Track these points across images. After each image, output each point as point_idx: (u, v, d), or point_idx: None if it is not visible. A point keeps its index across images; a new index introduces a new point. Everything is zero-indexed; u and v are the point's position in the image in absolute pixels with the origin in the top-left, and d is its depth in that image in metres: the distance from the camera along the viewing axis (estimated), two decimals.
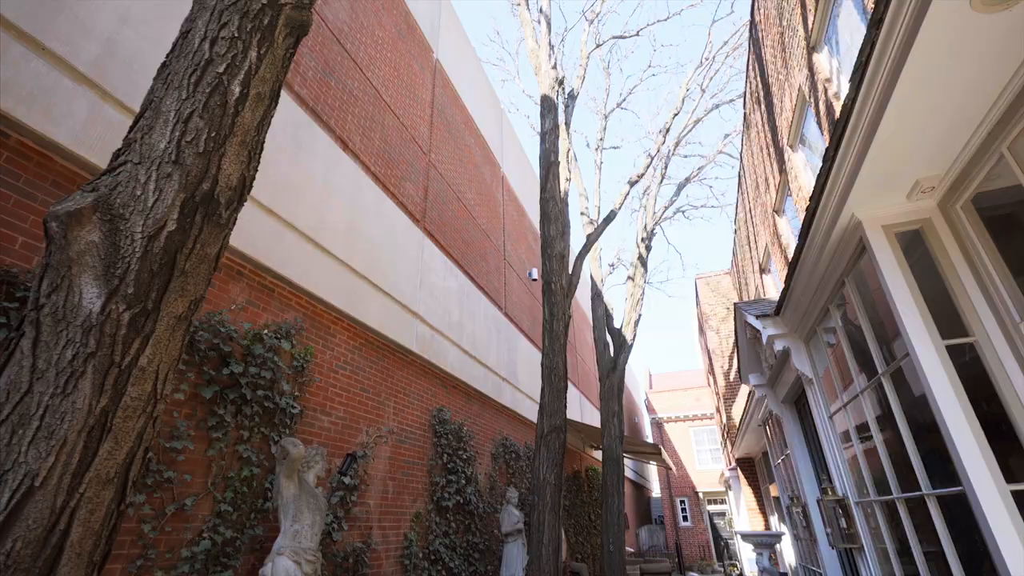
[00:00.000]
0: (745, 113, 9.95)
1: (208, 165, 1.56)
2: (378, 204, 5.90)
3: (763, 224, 9.15)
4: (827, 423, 4.14)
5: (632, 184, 9.23)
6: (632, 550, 17.36)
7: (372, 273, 5.53)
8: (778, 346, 4.33)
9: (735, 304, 5.10)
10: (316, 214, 4.78)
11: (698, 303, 16.26)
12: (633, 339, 10.54)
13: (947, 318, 2.61)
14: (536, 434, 5.35)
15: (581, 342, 16.70)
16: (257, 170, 1.79)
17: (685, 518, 22.62)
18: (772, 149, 7.80)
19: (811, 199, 2.86)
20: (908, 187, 2.67)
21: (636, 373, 32.08)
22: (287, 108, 4.58)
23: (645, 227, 11.76)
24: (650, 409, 25.38)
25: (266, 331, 4.03)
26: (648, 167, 9.43)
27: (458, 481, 6.62)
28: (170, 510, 3.06)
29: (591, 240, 6.89)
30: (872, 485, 3.54)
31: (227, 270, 3.83)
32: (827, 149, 2.56)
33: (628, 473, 22.58)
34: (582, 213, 11.21)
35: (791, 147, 6.80)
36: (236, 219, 1.71)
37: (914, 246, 2.71)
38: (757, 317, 4.39)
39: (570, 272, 6.62)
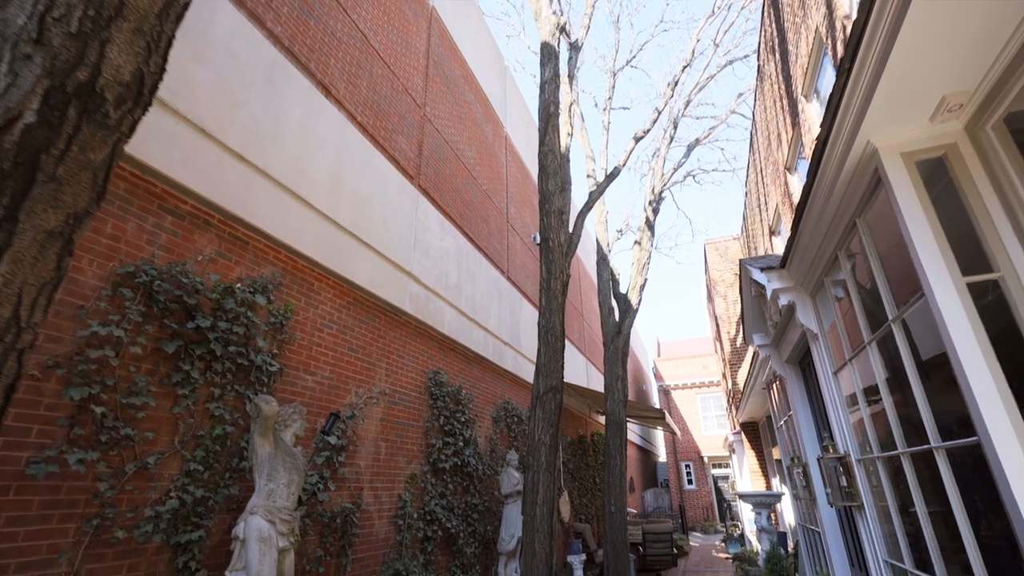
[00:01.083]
0: (759, 66, 9.33)
1: (85, 50, 1.27)
2: (366, 157, 5.57)
3: (774, 184, 8.69)
4: (831, 380, 3.88)
5: (638, 140, 8.75)
6: (635, 511, 17.55)
7: (360, 229, 5.27)
8: (783, 300, 4.03)
9: (740, 260, 4.78)
10: (294, 163, 4.48)
11: (707, 269, 15.86)
12: (638, 304, 10.25)
13: (969, 256, 2.30)
14: (532, 395, 5.16)
15: (589, 308, 16.46)
16: (164, 69, 1.49)
17: (690, 481, 22.82)
18: (786, 101, 7.30)
19: (822, 125, 2.51)
20: (932, 107, 2.31)
21: (644, 341, 31.93)
22: (257, 45, 4.23)
23: (653, 190, 11.29)
24: (658, 377, 25.33)
25: (239, 285, 3.80)
26: (655, 122, 8.92)
27: (456, 443, 6.51)
28: (130, 468, 2.91)
29: (593, 197, 6.54)
30: (876, 442, 3.30)
31: (191, 218, 3.58)
32: (841, 61, 2.20)
33: (635, 439, 22.70)
34: (588, 176, 10.75)
35: (805, 97, 6.32)
36: (136, 124, 1.42)
37: (936, 177, 2.37)
38: (762, 270, 4.08)
39: (570, 231, 6.30)
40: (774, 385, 7.28)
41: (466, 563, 6.34)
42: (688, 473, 22.98)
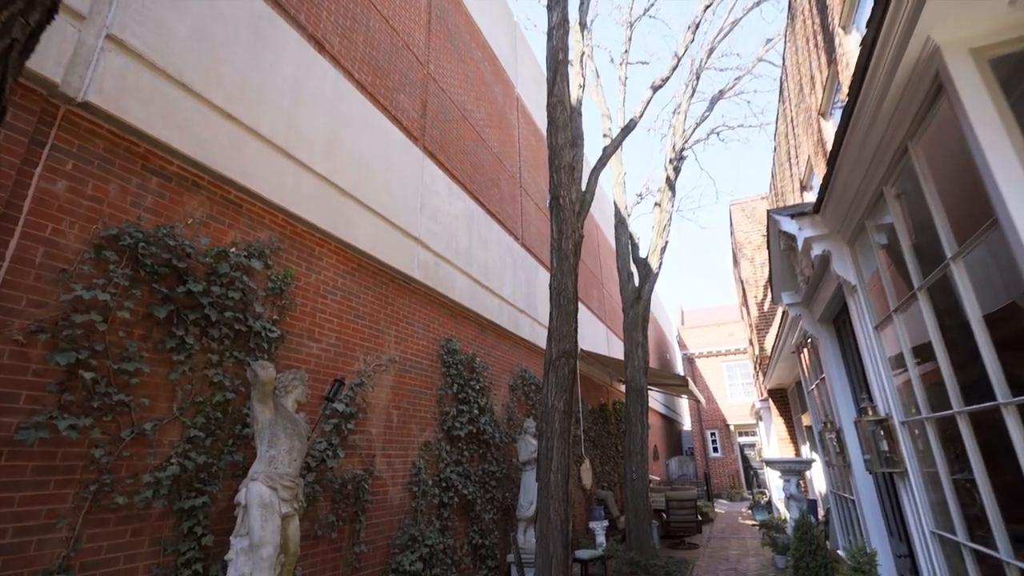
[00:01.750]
0: (790, 2, 8.60)
1: None
2: (365, 116, 5.33)
3: (806, 134, 8.09)
4: (871, 336, 3.55)
5: (656, 89, 8.23)
6: (659, 479, 17.53)
7: (361, 192, 5.07)
8: (816, 251, 3.67)
9: (768, 211, 4.41)
10: (287, 122, 4.28)
11: (732, 232, 15.24)
12: (659, 268, 9.89)
13: None
14: (545, 360, 4.98)
15: (608, 276, 16.12)
16: None
17: (715, 449, 22.65)
18: (820, 37, 6.67)
19: (869, 24, 2.13)
20: None
21: (668, 310, 31.41)
22: None
23: (674, 148, 10.75)
24: (682, 345, 24.94)
25: (233, 249, 3.67)
26: (674, 69, 8.36)
27: (470, 411, 6.42)
28: (126, 435, 2.85)
29: (608, 152, 6.16)
30: (924, 401, 3.00)
31: (178, 180, 3.44)
32: None
33: (658, 407, 22.55)
34: (604, 135, 10.28)
35: (843, 28, 5.73)
36: (36, 31, 1.21)
37: (1016, 79, 1.99)
38: (792, 217, 3.72)
39: (583, 189, 5.98)
40: (804, 348, 6.92)
41: (484, 528, 6.33)
42: (713, 441, 22.79)
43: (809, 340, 6.10)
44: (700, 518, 10.80)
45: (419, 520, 5.16)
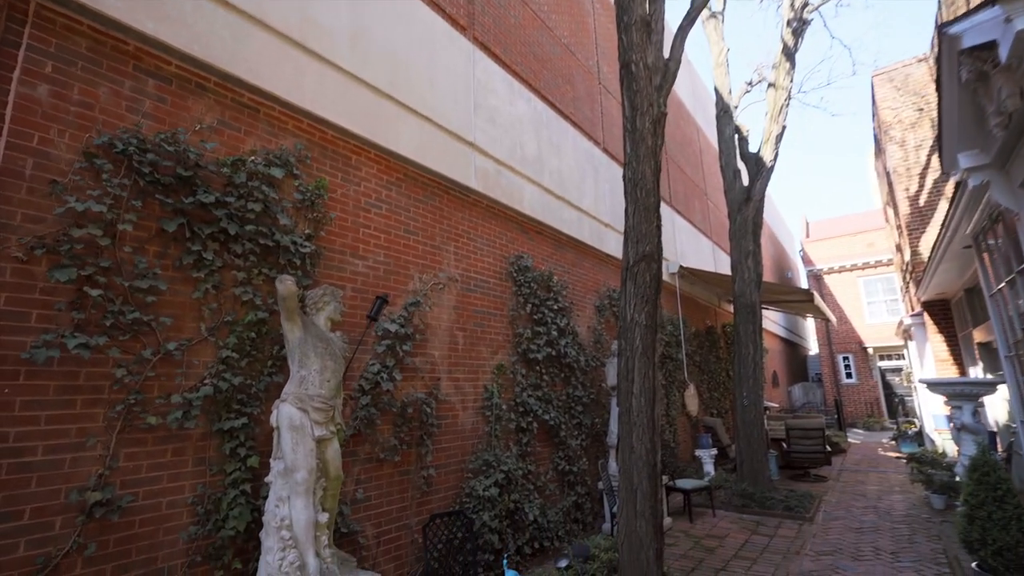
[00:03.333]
0: None
1: None
2: (395, 3, 4.61)
3: None
4: None
5: None
6: (777, 406, 16.03)
7: (400, 91, 4.47)
8: None
9: (938, 27, 3.00)
10: (299, 11, 3.72)
11: (875, 113, 12.31)
12: (773, 160, 8.20)
13: None
14: (621, 267, 4.19)
15: (715, 187, 14.21)
16: None
17: (848, 375, 20.16)
18: None
19: None
20: None
21: (787, 222, 27.79)
22: None
23: (792, 5, 8.56)
24: (807, 261, 21.96)
25: (253, 158, 3.31)
26: None
27: (548, 333, 5.89)
28: (148, 355, 2.69)
29: (697, 4, 4.74)
30: None
31: (180, 81, 3.08)
32: None
33: (777, 329, 20.42)
34: None
35: None
36: None
37: None
38: (995, 2, 2.36)
39: (665, 55, 4.76)
40: (988, 234, 5.23)
41: (571, 455, 5.95)
42: (847, 366, 20.26)
43: (999, 219, 4.49)
44: (828, 449, 9.54)
45: (494, 445, 4.87)
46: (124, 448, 2.60)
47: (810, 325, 28.25)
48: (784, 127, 8.26)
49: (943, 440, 10.23)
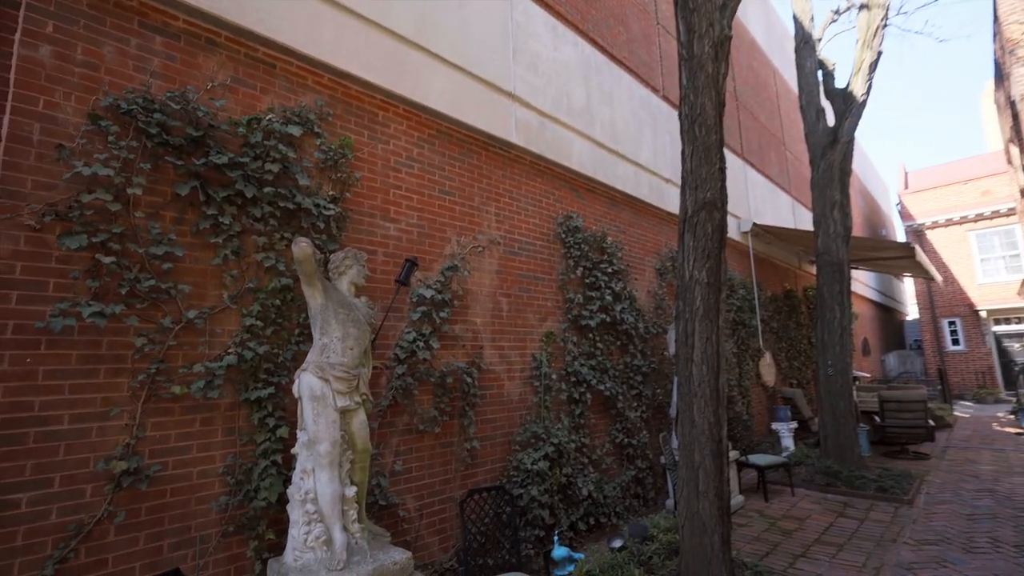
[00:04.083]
0: None
1: None
2: None
3: None
4: None
5: None
6: (868, 375, 14.55)
7: (428, 39, 4.11)
8: None
9: None
10: None
11: (996, 32, 10.33)
12: (866, 93, 7.05)
13: None
14: (679, 218, 3.67)
15: (795, 136, 12.76)
16: None
17: (955, 342, 17.91)
18: None
19: None
20: None
21: (881, 173, 24.81)
22: None
23: None
24: (905, 215, 19.52)
25: (270, 116, 3.12)
26: None
27: (601, 298, 5.46)
28: (167, 323, 2.61)
29: None
30: None
31: (188, 38, 2.91)
32: None
33: (869, 293, 18.49)
34: None
35: None
36: None
37: None
38: None
39: None
40: None
41: (630, 427, 5.56)
42: (953, 332, 18.00)
43: None
44: (932, 423, 8.44)
45: (543, 417, 4.59)
46: (151, 418, 2.56)
47: (908, 287, 25.46)
48: (879, 54, 7.04)
49: None
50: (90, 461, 2.36)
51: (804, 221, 12.22)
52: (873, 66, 7.03)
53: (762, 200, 10.37)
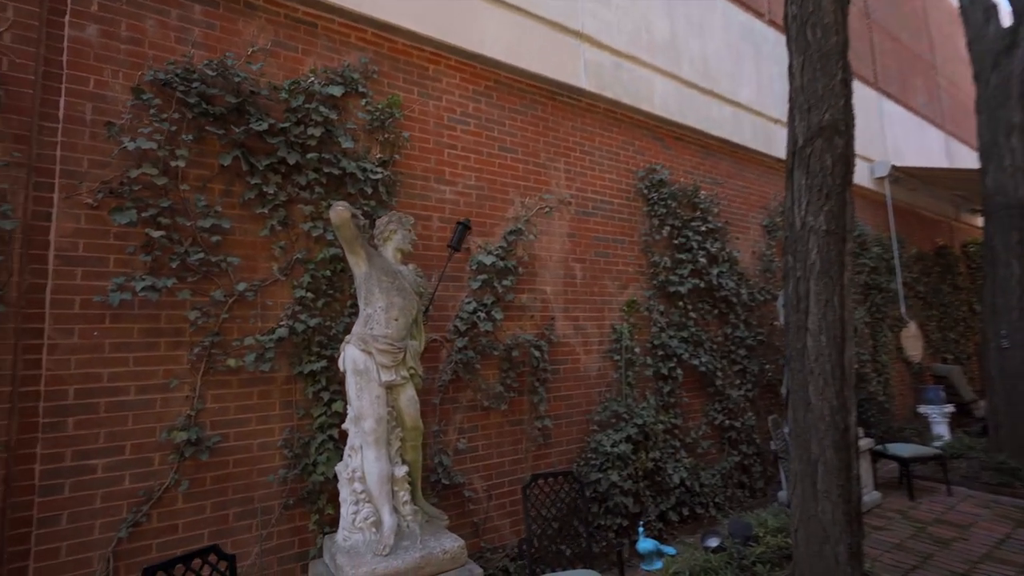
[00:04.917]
0: None
1: None
2: None
3: None
4: None
5: None
6: None
7: None
8: None
9: None
10: None
11: None
12: None
13: None
14: (787, 151, 2.95)
15: (946, 54, 10.41)
16: None
17: None
18: None
19: None
20: None
21: None
22: None
23: None
24: None
25: (312, 78, 2.97)
26: None
27: (694, 261, 4.78)
28: (219, 296, 2.59)
29: None
30: None
31: (227, 4, 2.83)
32: None
33: None
34: None
35: None
36: None
37: None
38: None
39: None
40: None
41: (731, 408, 4.87)
42: None
43: None
44: None
45: (625, 394, 4.12)
46: (210, 390, 2.58)
47: None
48: None
49: None
50: (156, 431, 2.42)
51: (963, 160, 9.98)
52: None
53: (903, 138, 8.58)
